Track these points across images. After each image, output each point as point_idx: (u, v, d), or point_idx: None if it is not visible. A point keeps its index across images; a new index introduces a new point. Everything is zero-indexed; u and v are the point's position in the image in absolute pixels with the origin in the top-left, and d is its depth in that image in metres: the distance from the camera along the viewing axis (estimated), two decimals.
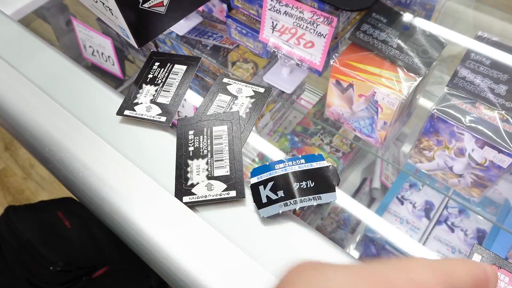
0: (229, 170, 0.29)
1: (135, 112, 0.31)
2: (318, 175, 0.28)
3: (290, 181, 0.28)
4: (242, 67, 0.63)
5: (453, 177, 0.45)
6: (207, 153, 0.29)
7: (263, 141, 0.73)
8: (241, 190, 0.28)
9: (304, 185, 0.28)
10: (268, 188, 0.29)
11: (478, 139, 0.38)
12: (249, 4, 0.54)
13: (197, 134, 0.30)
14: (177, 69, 0.33)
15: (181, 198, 0.28)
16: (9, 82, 0.42)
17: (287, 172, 0.29)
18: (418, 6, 0.52)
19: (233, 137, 0.29)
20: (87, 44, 0.81)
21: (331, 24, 0.43)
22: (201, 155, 0.29)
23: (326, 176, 0.29)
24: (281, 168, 0.29)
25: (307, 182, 0.28)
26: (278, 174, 0.29)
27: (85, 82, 0.41)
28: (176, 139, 0.31)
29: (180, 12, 0.35)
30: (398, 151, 0.72)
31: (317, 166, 0.29)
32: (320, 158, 0.29)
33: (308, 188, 0.28)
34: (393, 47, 0.42)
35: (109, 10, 0.33)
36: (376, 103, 0.43)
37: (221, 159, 0.29)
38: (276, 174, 0.29)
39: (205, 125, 0.30)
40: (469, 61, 0.40)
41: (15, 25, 0.49)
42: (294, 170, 0.29)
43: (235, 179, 0.28)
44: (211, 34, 0.66)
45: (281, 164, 0.29)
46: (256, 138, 0.72)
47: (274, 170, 0.29)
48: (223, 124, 0.30)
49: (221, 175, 0.28)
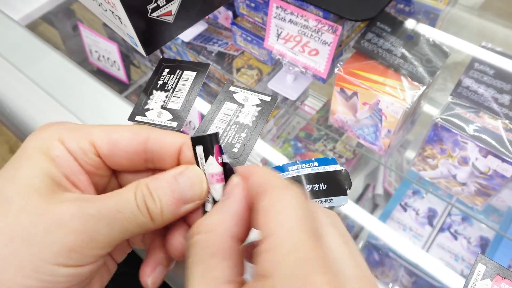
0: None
1: (147, 117, 0.31)
2: (331, 178, 0.29)
3: (303, 183, 0.29)
4: (247, 74, 0.63)
5: (457, 186, 0.45)
6: (170, 89, 0.33)
7: (267, 146, 0.74)
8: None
9: (316, 188, 0.29)
10: None
11: (481, 148, 0.38)
12: (255, 11, 0.55)
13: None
14: (186, 75, 0.33)
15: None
16: (16, 86, 0.43)
17: (300, 174, 0.29)
18: (422, 15, 0.52)
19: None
20: (93, 49, 0.82)
21: (335, 32, 0.44)
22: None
23: (338, 180, 0.29)
24: (295, 170, 0.29)
25: (320, 185, 0.29)
26: (291, 176, 0.29)
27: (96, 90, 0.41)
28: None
29: (188, 21, 0.36)
30: (402, 158, 0.73)
31: (330, 170, 0.29)
32: (333, 162, 0.30)
33: (320, 190, 0.29)
34: (397, 56, 0.43)
35: (118, 19, 0.33)
36: (380, 111, 0.43)
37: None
38: (290, 175, 0.29)
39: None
40: (473, 71, 0.40)
41: (22, 29, 0.50)
42: (307, 172, 0.29)
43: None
44: (216, 41, 0.67)
45: (294, 166, 0.30)
46: (260, 143, 0.73)
47: (288, 171, 0.29)
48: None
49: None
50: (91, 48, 0.82)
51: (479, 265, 0.26)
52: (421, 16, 0.52)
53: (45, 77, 0.44)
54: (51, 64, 0.45)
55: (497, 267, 0.26)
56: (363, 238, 0.75)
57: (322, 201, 0.28)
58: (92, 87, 0.42)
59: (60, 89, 0.42)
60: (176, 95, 0.32)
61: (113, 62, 0.80)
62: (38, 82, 0.43)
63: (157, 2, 0.32)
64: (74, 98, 0.41)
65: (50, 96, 0.42)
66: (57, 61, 0.45)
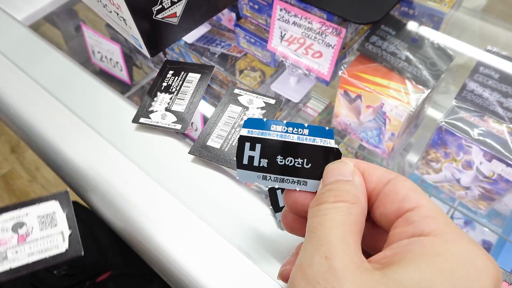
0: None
1: (151, 119, 0.31)
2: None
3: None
4: (250, 75, 0.63)
5: (460, 189, 0.45)
6: (174, 91, 0.32)
7: None
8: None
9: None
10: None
11: (486, 152, 0.38)
12: (258, 13, 0.55)
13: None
14: (191, 78, 0.33)
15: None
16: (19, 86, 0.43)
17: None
18: (426, 18, 0.52)
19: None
20: (95, 49, 0.82)
21: (339, 35, 0.44)
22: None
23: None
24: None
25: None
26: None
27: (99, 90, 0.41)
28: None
29: (192, 23, 0.36)
30: (404, 161, 0.72)
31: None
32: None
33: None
34: (401, 59, 0.43)
35: (123, 20, 0.33)
36: (384, 114, 0.43)
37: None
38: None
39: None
40: (478, 75, 0.40)
41: (25, 29, 0.50)
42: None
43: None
44: (219, 42, 0.67)
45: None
46: None
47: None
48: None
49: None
50: (93, 48, 0.82)
51: None
52: (425, 19, 0.52)
53: (48, 77, 0.44)
54: (54, 64, 0.45)
55: (503, 273, 0.26)
56: None
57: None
58: (94, 88, 0.42)
59: (62, 89, 0.42)
60: (180, 97, 0.32)
61: (115, 63, 0.80)
62: (40, 82, 0.43)
63: (162, 4, 0.32)
64: (76, 98, 0.41)
65: (52, 96, 0.42)
66: (60, 61, 0.45)
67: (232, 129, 0.31)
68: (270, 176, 0.24)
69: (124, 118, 0.38)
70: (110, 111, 0.39)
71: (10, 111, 0.41)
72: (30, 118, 0.41)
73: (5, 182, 1.41)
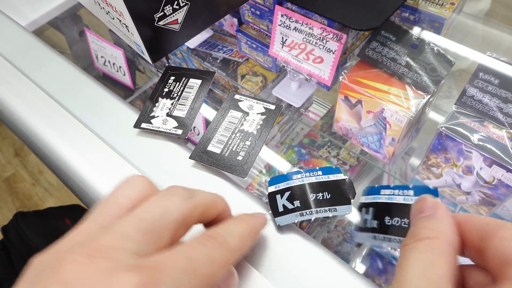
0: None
1: (152, 125, 0.32)
2: (335, 187, 0.29)
3: (307, 192, 0.29)
4: (252, 80, 0.63)
5: (461, 195, 0.45)
6: (175, 96, 0.33)
7: (271, 152, 0.74)
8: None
9: (320, 197, 0.29)
10: (285, 198, 0.29)
11: (486, 158, 0.38)
12: (260, 19, 0.55)
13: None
14: (192, 83, 0.34)
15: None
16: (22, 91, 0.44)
17: (304, 182, 0.29)
18: (427, 24, 0.52)
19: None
20: (99, 54, 0.83)
21: (340, 40, 0.44)
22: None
23: (342, 189, 0.29)
24: (299, 179, 0.29)
25: (323, 194, 0.29)
26: (295, 184, 0.29)
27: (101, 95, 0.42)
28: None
29: (194, 29, 0.36)
30: (406, 165, 0.72)
31: (334, 179, 0.29)
32: (337, 171, 0.30)
33: (324, 199, 0.28)
34: (401, 64, 0.43)
35: (125, 27, 0.34)
36: (385, 119, 0.44)
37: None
38: (294, 184, 0.29)
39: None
40: (478, 80, 0.40)
41: (29, 35, 0.51)
42: (311, 181, 0.29)
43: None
44: (221, 47, 0.67)
45: (298, 175, 0.30)
46: (264, 149, 0.73)
47: (292, 180, 0.30)
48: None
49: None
50: (97, 53, 0.83)
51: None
52: (426, 25, 0.53)
53: (51, 82, 0.44)
54: (57, 69, 0.46)
55: None
56: (366, 245, 0.75)
57: (326, 210, 0.28)
58: (97, 93, 0.42)
59: (65, 94, 0.43)
60: (181, 102, 0.33)
61: (118, 68, 0.81)
62: (43, 87, 0.44)
63: (164, 11, 0.33)
64: (79, 103, 0.41)
65: (55, 100, 0.42)
66: (63, 67, 0.46)
67: (233, 135, 0.32)
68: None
69: (126, 123, 0.38)
70: (112, 116, 0.39)
71: (14, 116, 0.41)
72: (32, 123, 0.42)
73: (9, 185, 1.42)
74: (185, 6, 0.34)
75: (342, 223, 0.80)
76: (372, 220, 0.27)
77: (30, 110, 0.42)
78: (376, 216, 0.27)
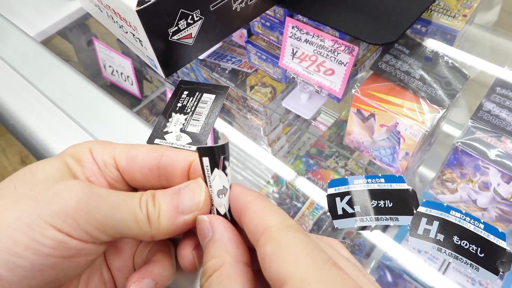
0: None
1: (166, 141, 0.31)
2: (397, 197, 0.28)
3: (368, 198, 0.29)
4: (261, 91, 0.63)
5: (477, 210, 0.44)
6: (189, 111, 0.32)
7: (279, 162, 0.73)
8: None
9: (382, 204, 0.28)
10: (345, 201, 0.29)
11: (504, 174, 0.37)
12: (270, 30, 0.55)
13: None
14: (206, 98, 0.33)
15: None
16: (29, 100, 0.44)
17: (365, 188, 0.29)
18: (439, 36, 0.52)
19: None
20: (107, 63, 0.83)
21: (352, 53, 0.44)
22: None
23: (405, 199, 0.28)
24: (360, 184, 0.29)
25: (385, 202, 0.28)
26: (356, 189, 0.29)
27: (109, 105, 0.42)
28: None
29: (207, 43, 0.36)
30: (415, 176, 0.71)
31: (397, 188, 0.29)
32: (401, 180, 0.29)
33: (386, 207, 0.28)
34: (415, 78, 0.42)
35: (139, 42, 0.33)
36: (398, 133, 0.43)
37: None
38: (354, 189, 0.29)
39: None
40: (495, 95, 0.39)
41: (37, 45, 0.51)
42: (373, 188, 0.29)
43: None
44: (230, 58, 0.67)
45: (360, 180, 0.30)
46: (271, 159, 0.72)
47: (353, 184, 0.30)
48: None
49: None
50: (105, 63, 0.83)
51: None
52: (438, 37, 0.52)
53: (58, 91, 0.44)
54: (64, 78, 0.46)
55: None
56: (375, 257, 0.74)
57: (387, 219, 0.28)
58: (105, 103, 0.42)
59: (72, 103, 0.42)
60: (195, 118, 0.32)
61: (126, 77, 0.81)
62: (50, 96, 0.43)
63: (178, 26, 0.32)
64: (86, 113, 0.41)
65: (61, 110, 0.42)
66: (70, 76, 0.46)
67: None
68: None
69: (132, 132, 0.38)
70: (120, 126, 0.39)
71: (26, 131, 0.41)
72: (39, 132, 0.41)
73: None
74: (199, 20, 0.33)
75: (350, 234, 0.79)
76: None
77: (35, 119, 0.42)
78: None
